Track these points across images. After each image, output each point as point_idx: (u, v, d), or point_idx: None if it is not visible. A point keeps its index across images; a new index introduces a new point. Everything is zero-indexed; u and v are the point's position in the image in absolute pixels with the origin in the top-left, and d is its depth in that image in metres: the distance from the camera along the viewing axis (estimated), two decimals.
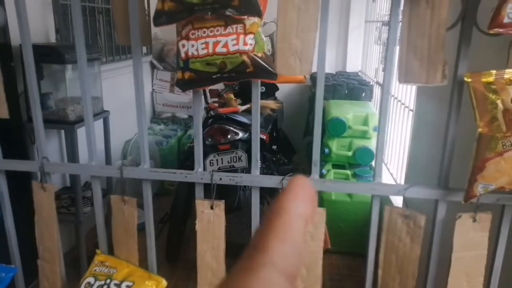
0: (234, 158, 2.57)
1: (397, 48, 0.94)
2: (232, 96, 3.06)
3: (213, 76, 0.95)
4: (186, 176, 1.06)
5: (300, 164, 3.63)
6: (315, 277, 0.98)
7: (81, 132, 2.31)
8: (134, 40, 1.01)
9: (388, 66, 0.96)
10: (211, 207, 1.04)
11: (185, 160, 2.74)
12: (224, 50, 0.92)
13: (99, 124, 2.51)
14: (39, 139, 1.11)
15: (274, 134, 3.33)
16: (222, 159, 2.55)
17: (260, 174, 1.05)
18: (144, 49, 3.92)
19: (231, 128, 2.66)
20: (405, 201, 1.74)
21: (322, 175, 2.62)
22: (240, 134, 2.66)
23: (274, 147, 3.21)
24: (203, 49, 0.93)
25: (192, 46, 0.93)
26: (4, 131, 1.15)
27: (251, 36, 0.92)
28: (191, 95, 4.07)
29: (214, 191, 1.03)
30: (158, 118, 4.10)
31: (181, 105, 4.10)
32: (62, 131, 2.52)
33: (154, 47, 4.10)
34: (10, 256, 1.17)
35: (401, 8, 0.92)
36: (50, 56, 2.21)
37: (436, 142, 1.66)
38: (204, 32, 0.93)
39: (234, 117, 2.72)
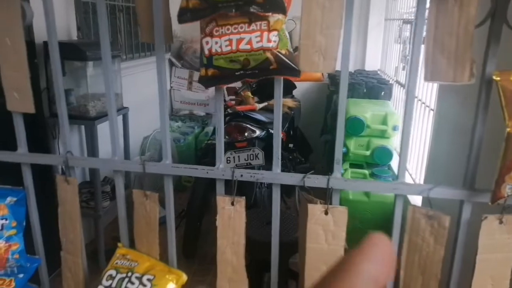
0: (251, 155, 2.57)
1: (422, 46, 0.93)
2: (249, 94, 3.06)
3: (236, 73, 0.96)
4: (207, 172, 1.06)
5: (316, 163, 3.61)
6: None
7: (100, 128, 2.35)
8: (158, 37, 1.02)
9: (414, 66, 0.94)
10: (232, 203, 1.04)
11: (203, 157, 2.75)
12: (248, 47, 0.92)
13: (118, 120, 2.54)
14: (64, 133, 1.13)
15: (291, 132, 3.32)
16: (239, 156, 2.55)
17: None
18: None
19: (248, 125, 2.66)
20: (425, 201, 1.70)
21: None
22: (257, 132, 2.67)
23: (291, 145, 3.20)
24: (226, 46, 0.93)
25: (216, 43, 0.94)
26: (28, 126, 1.18)
27: (275, 33, 0.92)
28: (208, 93, 4.08)
29: (235, 188, 1.03)
30: (176, 115, 4.13)
31: (198, 103, 4.13)
32: (82, 127, 2.57)
33: (173, 45, 4.13)
34: (34, 247, 1.20)
35: (427, 5, 0.91)
36: (72, 53, 2.24)
37: (459, 141, 1.63)
38: (228, 29, 0.93)
39: (252, 115, 2.73)
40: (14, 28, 1.06)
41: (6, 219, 1.07)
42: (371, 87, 3.22)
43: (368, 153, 2.71)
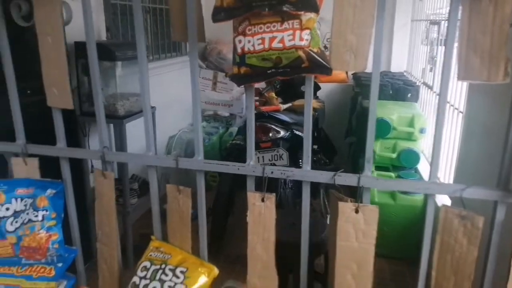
0: (275, 156, 2.58)
1: (454, 45, 0.92)
2: (273, 94, 3.07)
3: (268, 71, 0.97)
4: (238, 169, 1.08)
5: (341, 164, 3.58)
6: (366, 274, 0.98)
7: (128, 127, 2.41)
8: (191, 36, 1.05)
9: (446, 68, 0.94)
10: (262, 200, 1.06)
11: (227, 157, 2.78)
12: (280, 45, 0.93)
13: None
14: (100, 129, 1.17)
15: (315, 133, 3.31)
16: (263, 157, 2.57)
17: None
18: (188, 48, 4.01)
19: (273, 126, 2.67)
20: (456, 202, 1.67)
21: None
22: (282, 133, 2.67)
23: (315, 146, 3.19)
24: (259, 44, 0.95)
25: (249, 41, 0.96)
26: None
27: (307, 31, 0.93)
28: (232, 94, 4.09)
29: (265, 184, 1.04)
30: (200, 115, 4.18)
31: (222, 103, 4.17)
32: (111, 126, 2.63)
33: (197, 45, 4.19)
34: (72, 238, 1.25)
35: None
36: (102, 53, 2.30)
37: (490, 143, 1.60)
38: (261, 28, 0.94)
39: (276, 116, 2.73)
40: (55, 27, 1.11)
41: (47, 210, 1.12)
42: (397, 88, 3.18)
43: (394, 155, 2.68)
